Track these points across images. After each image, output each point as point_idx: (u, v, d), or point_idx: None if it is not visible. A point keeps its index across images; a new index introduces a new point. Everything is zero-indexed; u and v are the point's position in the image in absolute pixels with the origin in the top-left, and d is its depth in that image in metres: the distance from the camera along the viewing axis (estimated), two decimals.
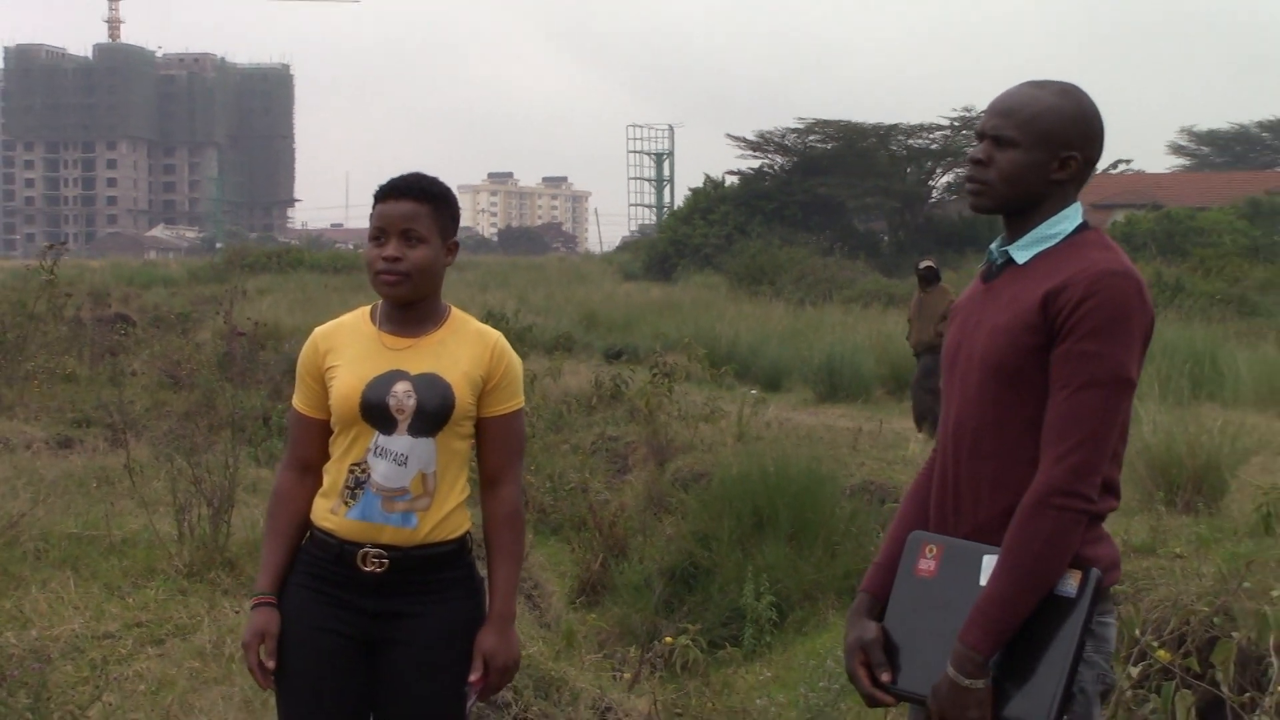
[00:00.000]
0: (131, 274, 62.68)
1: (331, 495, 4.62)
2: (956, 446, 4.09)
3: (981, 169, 4.09)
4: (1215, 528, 10.24)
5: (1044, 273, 3.94)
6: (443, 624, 4.61)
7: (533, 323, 32.40)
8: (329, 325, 4.81)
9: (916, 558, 4.10)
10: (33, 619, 9.01)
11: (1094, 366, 3.79)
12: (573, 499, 15.14)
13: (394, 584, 4.56)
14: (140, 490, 12.10)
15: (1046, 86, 4.08)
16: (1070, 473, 3.78)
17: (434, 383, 4.57)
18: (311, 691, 4.57)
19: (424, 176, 4.72)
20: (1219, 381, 19.98)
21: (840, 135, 77.15)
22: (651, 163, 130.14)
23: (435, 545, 4.59)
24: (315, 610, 4.58)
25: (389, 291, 4.60)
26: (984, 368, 3.99)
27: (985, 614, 3.80)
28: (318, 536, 4.64)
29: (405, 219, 4.57)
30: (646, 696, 8.34)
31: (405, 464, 4.55)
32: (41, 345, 22.81)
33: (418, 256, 4.56)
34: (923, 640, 4.02)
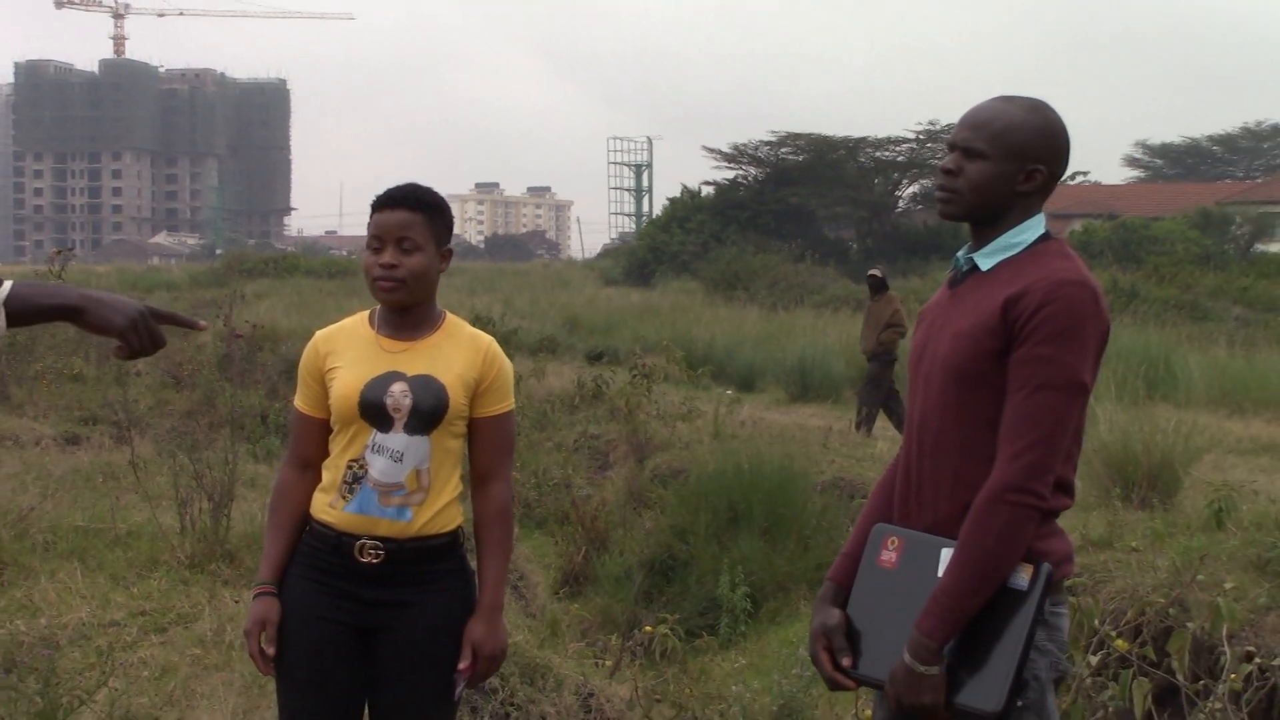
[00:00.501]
0: (136, 279, 62.50)
1: (330, 490, 4.63)
2: (919, 444, 4.11)
3: (951, 178, 4.10)
4: (1169, 523, 10.24)
5: (1006, 279, 3.95)
6: (435, 613, 4.62)
7: (518, 326, 32.38)
8: (329, 329, 4.83)
9: (879, 549, 4.11)
10: (42, 608, 8.99)
11: (1049, 371, 3.80)
12: (556, 494, 15.12)
13: (389, 575, 4.57)
14: (144, 485, 12.09)
15: (1016, 102, 4.09)
16: (1024, 471, 3.79)
17: (429, 384, 4.59)
18: (310, 676, 4.57)
19: (419, 187, 4.72)
20: (1172, 383, 20.02)
21: (811, 148, 77.25)
22: (631, 173, 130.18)
23: (429, 538, 4.61)
24: (314, 599, 4.59)
25: (386, 297, 4.61)
26: (946, 370, 4.01)
27: (940, 604, 3.81)
28: (316, 529, 4.65)
29: (401, 228, 4.58)
30: (627, 683, 8.33)
31: (401, 460, 4.56)
32: (50, 346, 22.76)
33: (413, 264, 4.57)
34: (883, 628, 4.03)
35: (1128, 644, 6.40)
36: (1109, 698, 6.18)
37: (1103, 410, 12.73)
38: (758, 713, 7.64)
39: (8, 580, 9.57)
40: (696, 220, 73.17)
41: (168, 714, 7.39)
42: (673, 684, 8.73)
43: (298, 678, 4.59)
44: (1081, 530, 10.07)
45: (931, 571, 3.95)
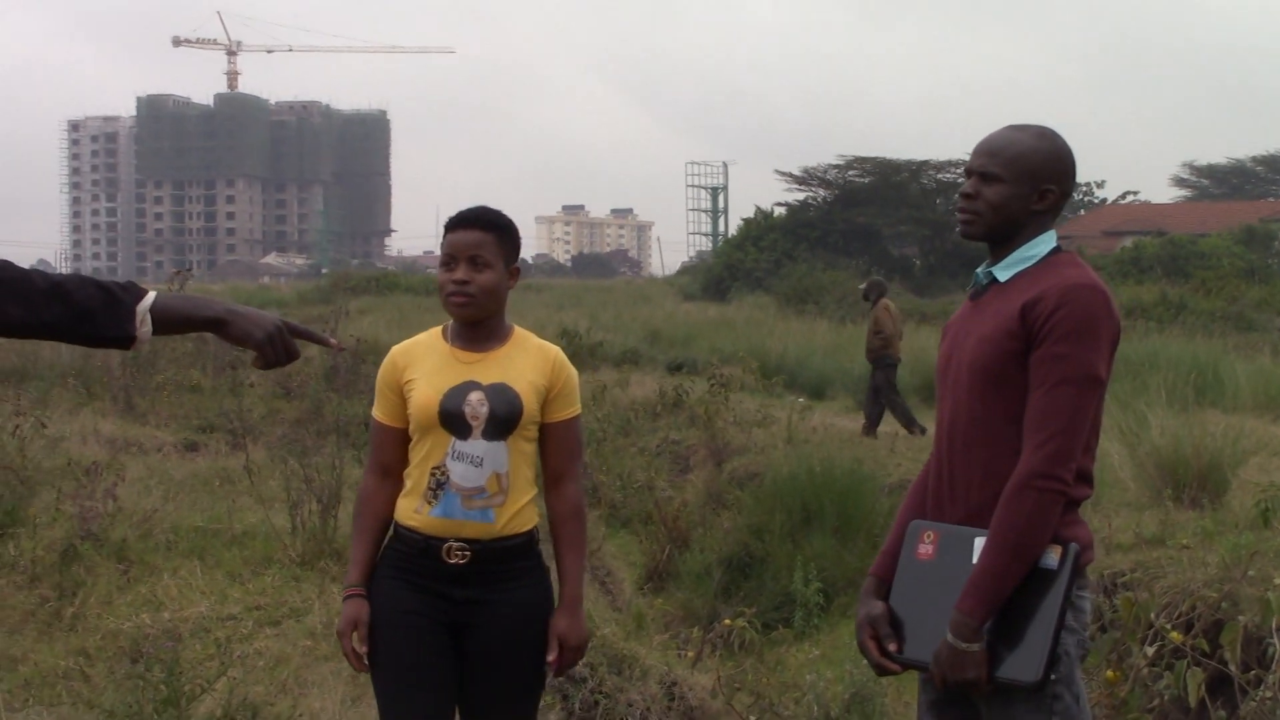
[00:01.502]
0: (248, 296, 62.79)
1: (415, 496, 4.65)
2: (950, 442, 4.20)
3: (971, 201, 4.22)
4: (1218, 521, 10.14)
5: (1022, 288, 4.08)
6: (519, 608, 4.65)
7: (603, 339, 32.39)
8: (405, 343, 4.85)
9: (916, 543, 4.18)
10: (165, 602, 9.08)
11: (1067, 367, 3.91)
12: (640, 496, 15.13)
13: (475, 573, 4.59)
14: (258, 488, 12.16)
15: (1026, 130, 4.22)
16: (1048, 459, 3.89)
17: (504, 391, 4.61)
18: (405, 670, 4.58)
19: (489, 209, 4.76)
20: (1220, 390, 19.82)
21: (877, 170, 77.14)
22: (708, 196, 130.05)
23: (510, 538, 4.62)
24: (405, 596, 4.60)
25: (458, 312, 4.65)
26: (972, 372, 4.11)
27: (978, 585, 3.90)
28: (403, 533, 4.66)
29: (472, 246, 4.62)
30: (709, 673, 8.32)
31: (481, 465, 4.58)
32: (170, 360, 22.95)
33: (483, 280, 4.60)
34: (924, 615, 4.09)
35: (1181, 636, 6.35)
36: (1164, 687, 6.14)
37: (1154, 416, 12.62)
38: (830, 700, 7.61)
39: (134, 577, 9.66)
40: (769, 239, 73.10)
41: (281, 701, 7.44)
42: (750, 673, 8.74)
43: (393, 671, 4.60)
44: (1135, 529, 10.00)
45: (967, 559, 4.02)
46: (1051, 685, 3.94)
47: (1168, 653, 6.34)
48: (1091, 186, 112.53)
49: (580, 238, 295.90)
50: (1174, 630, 6.41)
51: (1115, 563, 9.36)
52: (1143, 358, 22.10)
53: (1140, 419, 12.84)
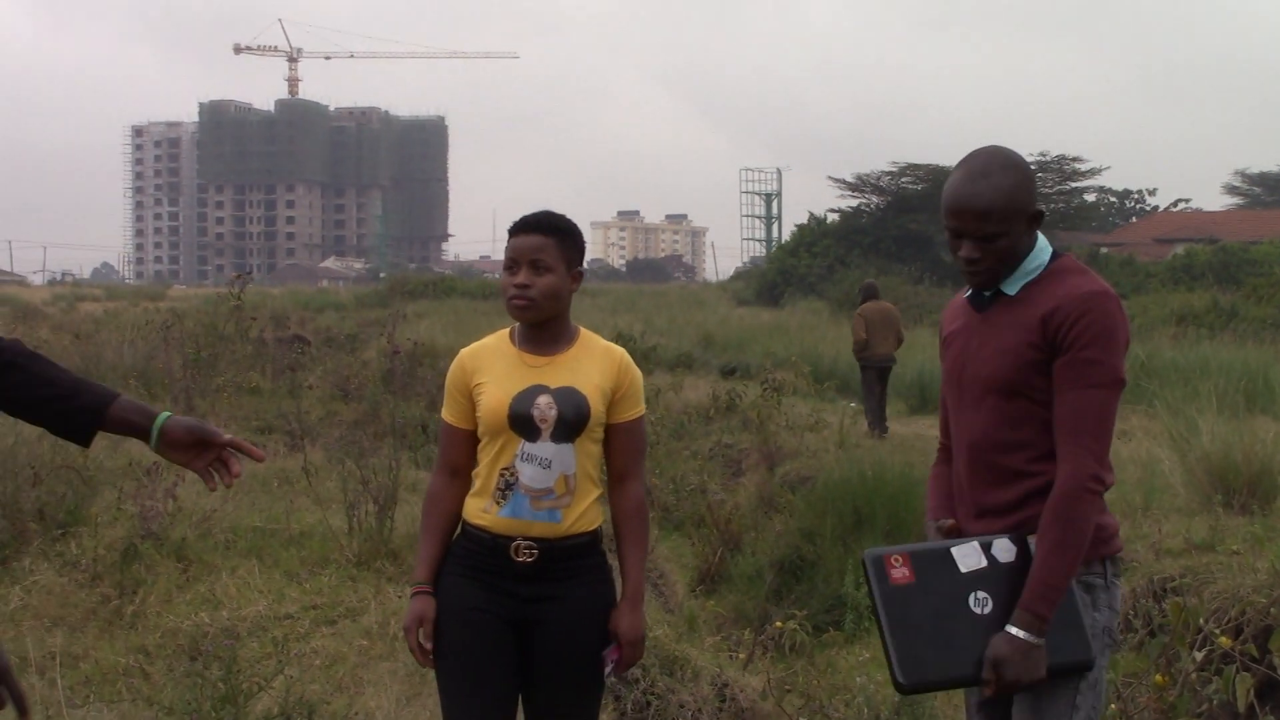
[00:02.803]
0: (307, 300, 63.20)
1: (484, 496, 4.67)
2: (971, 453, 4.30)
3: (976, 264, 4.24)
4: (1268, 528, 10.09)
5: (1035, 299, 4.17)
6: (583, 604, 4.67)
7: (657, 343, 32.40)
8: (473, 346, 4.87)
9: (886, 570, 4.11)
10: (224, 601, 9.12)
11: (1098, 373, 4.02)
12: (693, 499, 15.12)
13: (542, 571, 4.62)
14: (315, 489, 12.20)
15: (990, 170, 4.19)
16: (1097, 461, 4.03)
17: (571, 395, 4.62)
18: (469, 665, 4.60)
19: (552, 213, 4.78)
20: (1271, 397, 19.69)
21: (929, 177, 76.78)
22: (762, 201, 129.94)
23: (576, 537, 4.65)
24: (471, 593, 4.63)
25: (519, 315, 4.68)
26: (993, 384, 4.21)
27: (1048, 586, 3.96)
28: (471, 532, 4.69)
29: (534, 250, 4.64)
30: (760, 674, 8.31)
31: (549, 467, 4.60)
32: (230, 362, 23.03)
33: (544, 283, 4.63)
34: (938, 633, 4.03)
35: (1230, 641, 6.31)
36: (1213, 692, 6.10)
37: (1204, 422, 12.56)
38: (880, 703, 7.60)
39: (193, 576, 9.71)
40: (822, 245, 73.00)
41: (338, 699, 7.47)
42: (801, 675, 8.73)
43: (457, 665, 4.62)
44: (1185, 534, 9.96)
45: (954, 572, 4.09)
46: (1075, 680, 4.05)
47: (1217, 658, 6.30)
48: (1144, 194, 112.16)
49: (635, 243, 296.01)
50: (1223, 635, 6.36)
51: (1165, 568, 9.32)
52: (1194, 364, 22.00)
53: (1191, 425, 12.77)
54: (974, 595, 4.04)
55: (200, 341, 22.49)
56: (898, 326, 20.53)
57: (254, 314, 27.26)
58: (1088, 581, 4.11)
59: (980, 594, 4.05)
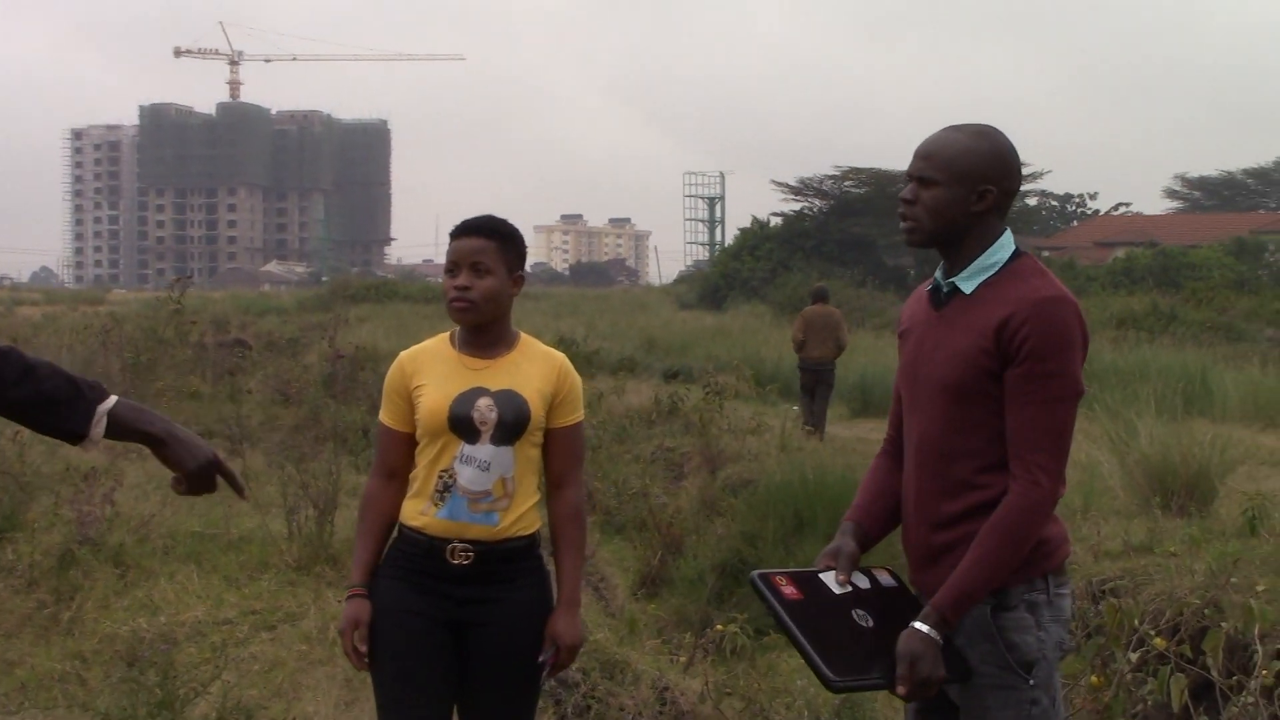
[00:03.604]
0: (248, 304, 62.89)
1: (421, 498, 4.67)
2: (920, 455, 4.16)
3: (910, 207, 4.13)
4: (1206, 529, 10.17)
5: (992, 301, 4.01)
6: (520, 608, 4.68)
7: (600, 346, 32.40)
8: (413, 349, 4.87)
9: (780, 589, 4.06)
10: (162, 607, 9.08)
11: (1057, 385, 3.90)
12: (634, 502, 15.10)
13: (478, 574, 4.62)
14: (255, 494, 12.14)
15: (964, 129, 4.12)
16: (1053, 480, 3.91)
17: (512, 397, 4.64)
18: (405, 668, 4.60)
19: (493, 218, 4.80)
20: (1209, 399, 19.86)
21: (872, 181, 77.21)
22: (705, 206, 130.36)
23: (513, 540, 4.66)
24: (406, 596, 4.63)
25: (459, 317, 4.69)
26: (945, 386, 4.06)
27: (965, 593, 3.89)
28: (408, 534, 4.70)
29: (474, 253, 4.66)
30: (700, 677, 8.33)
31: (488, 470, 4.61)
32: (170, 366, 22.90)
33: (485, 286, 4.65)
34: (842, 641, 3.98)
35: (1166, 642, 6.36)
36: (1148, 692, 6.15)
37: (1143, 425, 12.65)
38: (821, 706, 7.63)
39: (131, 581, 9.66)
40: (765, 249, 73.20)
41: (276, 705, 7.45)
42: (742, 679, 8.73)
43: (393, 668, 4.62)
44: (1124, 536, 10.03)
45: (830, 594, 4.06)
46: (1030, 689, 3.95)
47: (1152, 659, 6.35)
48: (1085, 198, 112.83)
49: (578, 247, 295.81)
50: (1159, 636, 6.42)
51: (1104, 570, 9.39)
52: (1133, 367, 22.16)
53: (1130, 428, 12.86)
54: (855, 612, 4.02)
55: (139, 346, 22.36)
56: (838, 332, 20.74)
57: (194, 318, 27.08)
58: (1030, 600, 3.99)
59: (859, 611, 4.02)
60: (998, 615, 3.99)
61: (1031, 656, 3.97)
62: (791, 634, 3.97)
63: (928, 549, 4.12)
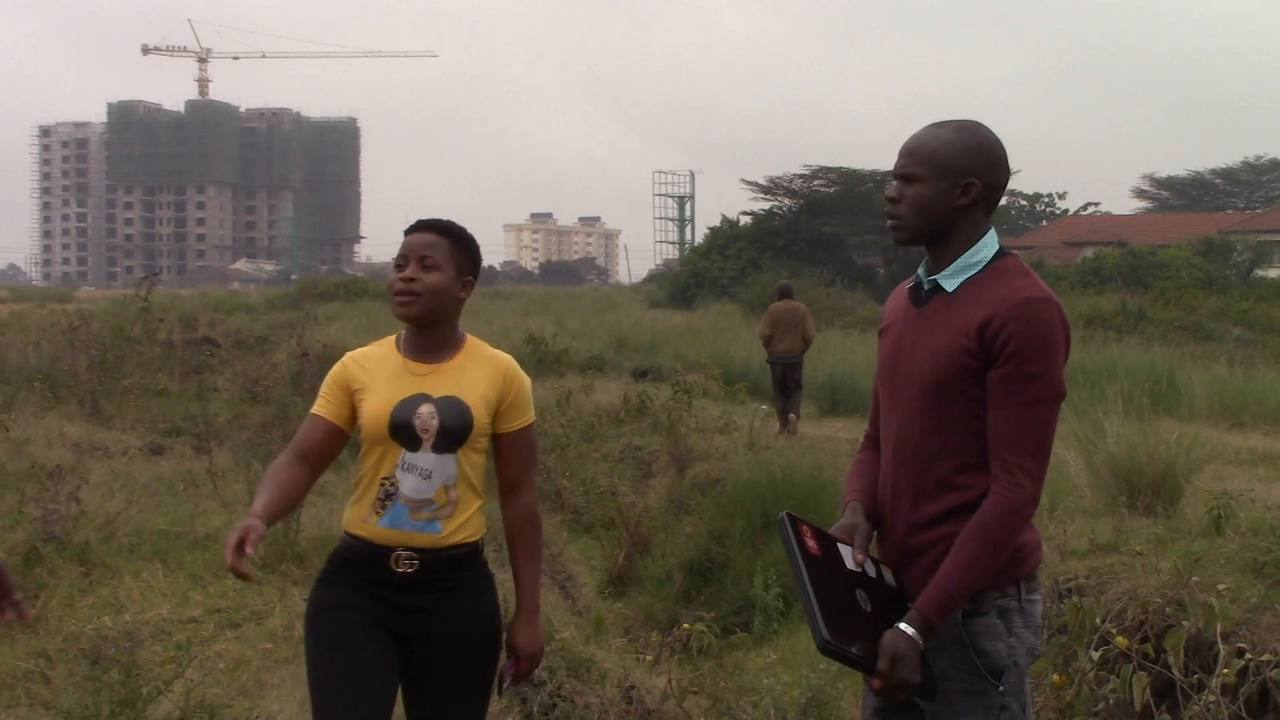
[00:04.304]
0: (217, 302, 62.80)
1: (363, 505, 4.60)
2: (898, 453, 4.13)
3: (895, 205, 4.11)
4: (1171, 528, 10.18)
5: (974, 300, 3.97)
6: (465, 616, 4.62)
7: (569, 345, 32.37)
8: (360, 351, 4.81)
9: (805, 539, 4.03)
10: (127, 605, 9.07)
11: (1038, 387, 3.85)
12: (602, 501, 15.11)
13: (422, 583, 4.55)
14: (221, 492, 12.12)
15: (947, 125, 4.10)
16: (1035, 483, 3.86)
17: (454, 404, 4.58)
18: (343, 660, 4.48)
19: (450, 220, 4.76)
20: (1176, 399, 19.90)
21: (841, 180, 77.26)
22: (675, 204, 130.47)
23: (456, 547, 4.59)
24: (347, 593, 4.55)
25: (403, 311, 4.61)
26: (925, 386, 4.01)
27: (950, 595, 3.83)
28: (350, 541, 4.62)
29: (424, 247, 4.62)
30: (666, 676, 8.33)
31: (430, 478, 4.55)
32: (137, 364, 22.87)
33: (431, 280, 4.58)
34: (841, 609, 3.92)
35: (1128, 641, 6.38)
36: (1110, 691, 6.17)
37: (1110, 424, 12.66)
38: (788, 704, 7.62)
39: (96, 579, 9.64)
40: (735, 248, 73.24)
41: (240, 703, 7.43)
42: (709, 677, 8.75)
43: (331, 660, 4.50)
44: (1090, 535, 10.04)
45: (842, 565, 4.02)
46: (1000, 696, 3.92)
47: (1114, 657, 6.37)
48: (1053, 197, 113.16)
49: (548, 245, 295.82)
50: (1121, 635, 6.44)
51: (1070, 569, 9.39)
52: (1101, 366, 22.21)
53: (1097, 427, 12.87)
54: (858, 592, 3.97)
55: (107, 343, 22.32)
56: (804, 326, 21.15)
57: (162, 316, 27.06)
58: (1001, 606, 3.96)
59: (861, 593, 3.97)
60: (969, 620, 3.96)
61: (1002, 663, 3.94)
62: (802, 583, 3.94)
63: (905, 549, 4.09)
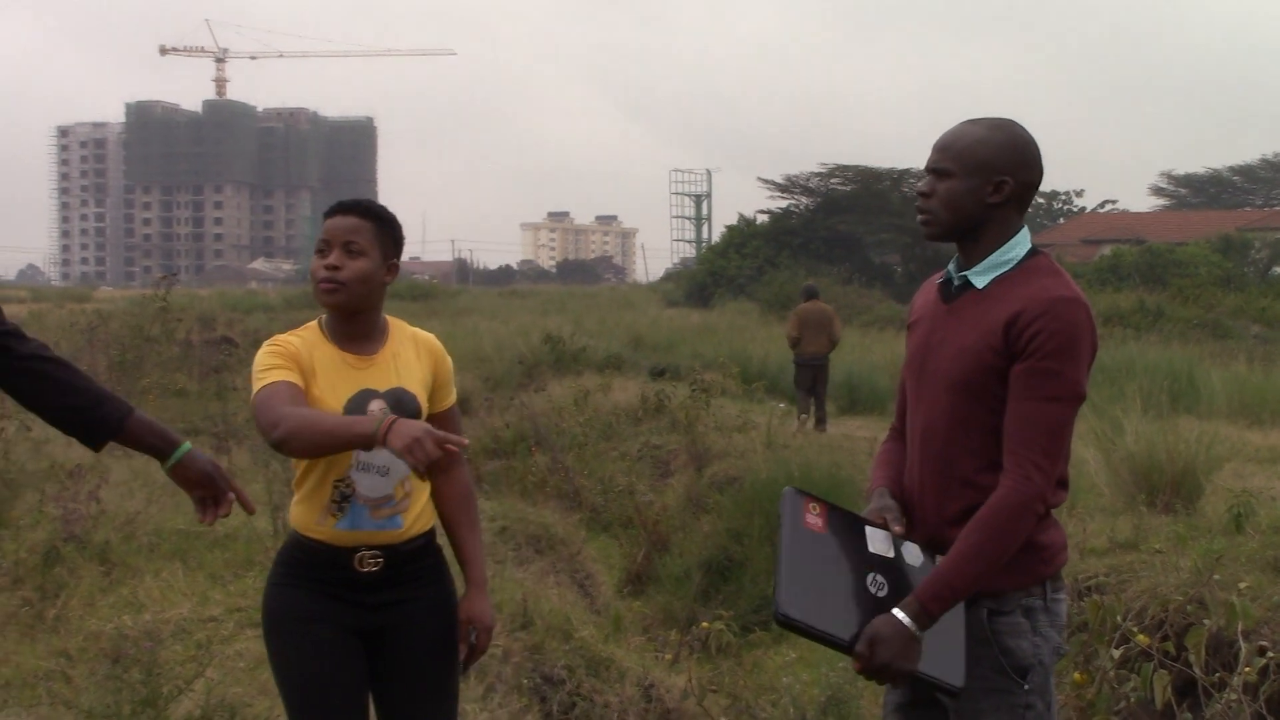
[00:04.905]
0: (235, 301, 62.86)
1: (314, 507, 4.46)
2: (924, 449, 4.12)
3: (927, 200, 4.10)
4: (1191, 527, 10.17)
5: (1003, 298, 3.95)
6: (430, 604, 4.55)
7: (586, 344, 32.34)
8: (291, 336, 4.54)
9: (802, 513, 4.00)
10: (147, 604, 9.05)
11: (1056, 384, 3.82)
12: (620, 500, 15.10)
13: (386, 579, 4.45)
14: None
15: (980, 122, 4.09)
16: (1045, 481, 3.83)
17: (401, 395, 4.47)
18: (316, 676, 4.39)
19: (371, 201, 4.66)
20: (1195, 396, 19.90)
21: (858, 178, 77.12)
22: (692, 203, 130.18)
23: (416, 538, 4.52)
24: (309, 605, 4.42)
25: (327, 299, 4.46)
26: (951, 383, 4.01)
27: (951, 586, 3.80)
28: (306, 543, 4.48)
29: (348, 231, 4.47)
30: (685, 674, 8.33)
31: (387, 474, 4.43)
32: (156, 364, 22.88)
33: (356, 267, 4.43)
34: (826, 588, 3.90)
35: (1149, 639, 6.37)
36: (1131, 689, 6.15)
37: (1129, 422, 12.65)
38: (807, 703, 7.62)
39: (116, 579, 9.64)
40: (752, 246, 73.14)
41: (260, 702, 7.42)
42: (728, 676, 8.76)
43: (302, 678, 4.41)
44: (1109, 534, 10.04)
45: (862, 545, 3.98)
46: (1025, 694, 3.92)
47: (1135, 655, 6.36)
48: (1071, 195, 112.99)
49: (565, 244, 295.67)
50: (1142, 633, 6.43)
51: (1089, 567, 9.39)
52: (1120, 365, 22.19)
53: (1116, 425, 12.87)
54: (873, 576, 3.92)
55: (126, 343, 22.34)
56: (830, 327, 21.53)
57: (180, 315, 27.07)
58: (1026, 605, 3.95)
59: (879, 578, 3.92)
60: (994, 619, 3.96)
61: (1027, 662, 3.93)
62: (776, 554, 3.93)
63: (932, 544, 4.06)
